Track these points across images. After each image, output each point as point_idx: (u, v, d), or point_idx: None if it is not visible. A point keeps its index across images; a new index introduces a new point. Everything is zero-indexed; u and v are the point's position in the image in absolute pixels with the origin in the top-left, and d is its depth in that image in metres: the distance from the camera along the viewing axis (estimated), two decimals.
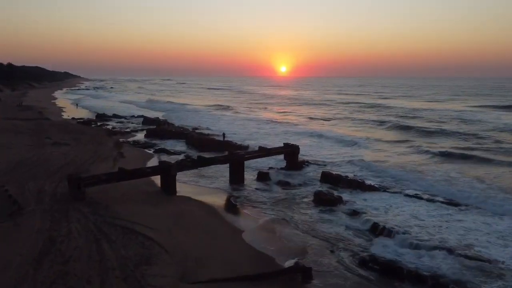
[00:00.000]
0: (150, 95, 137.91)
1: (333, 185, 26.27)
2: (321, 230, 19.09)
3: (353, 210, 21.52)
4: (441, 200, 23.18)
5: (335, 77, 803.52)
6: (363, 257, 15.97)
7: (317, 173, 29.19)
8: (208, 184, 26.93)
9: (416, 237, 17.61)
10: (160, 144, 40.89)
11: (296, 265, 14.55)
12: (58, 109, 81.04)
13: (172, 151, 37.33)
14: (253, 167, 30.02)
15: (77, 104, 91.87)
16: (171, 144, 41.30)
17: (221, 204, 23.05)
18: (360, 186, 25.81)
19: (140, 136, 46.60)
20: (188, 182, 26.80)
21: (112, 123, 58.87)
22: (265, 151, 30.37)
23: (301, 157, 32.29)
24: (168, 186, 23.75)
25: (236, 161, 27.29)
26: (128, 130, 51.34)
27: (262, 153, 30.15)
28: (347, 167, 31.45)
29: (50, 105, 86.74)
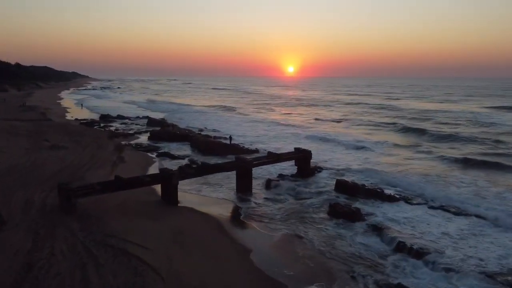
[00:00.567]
0: (153, 95, 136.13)
1: (349, 195, 24.09)
2: (339, 249, 16.93)
3: (374, 225, 19.29)
4: (471, 213, 20.84)
5: (342, 77, 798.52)
6: None
7: (330, 179, 27.25)
8: (212, 192, 24.86)
9: (450, 259, 15.41)
10: (163, 147, 39.06)
11: None
12: (62, 109, 79.33)
13: (175, 155, 35.39)
14: (261, 174, 27.96)
15: (82, 104, 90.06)
16: (175, 147, 39.49)
17: (226, 216, 20.93)
18: (379, 196, 23.61)
19: (143, 138, 44.74)
20: (191, 190, 24.71)
21: (115, 124, 57.11)
22: (274, 157, 27.93)
23: (312, 162, 30.04)
24: (169, 196, 21.70)
25: (243, 168, 25.13)
26: (131, 132, 49.48)
27: (271, 159, 27.74)
28: (361, 174, 29.18)
29: (54, 106, 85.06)
